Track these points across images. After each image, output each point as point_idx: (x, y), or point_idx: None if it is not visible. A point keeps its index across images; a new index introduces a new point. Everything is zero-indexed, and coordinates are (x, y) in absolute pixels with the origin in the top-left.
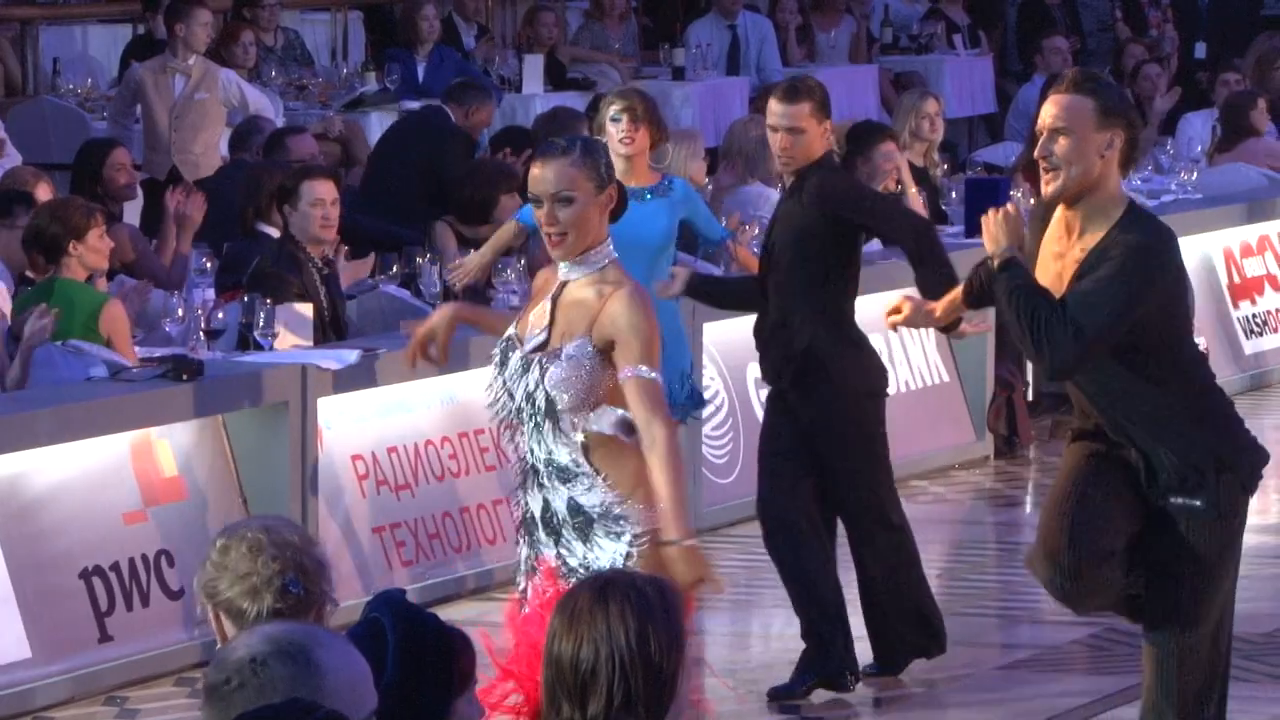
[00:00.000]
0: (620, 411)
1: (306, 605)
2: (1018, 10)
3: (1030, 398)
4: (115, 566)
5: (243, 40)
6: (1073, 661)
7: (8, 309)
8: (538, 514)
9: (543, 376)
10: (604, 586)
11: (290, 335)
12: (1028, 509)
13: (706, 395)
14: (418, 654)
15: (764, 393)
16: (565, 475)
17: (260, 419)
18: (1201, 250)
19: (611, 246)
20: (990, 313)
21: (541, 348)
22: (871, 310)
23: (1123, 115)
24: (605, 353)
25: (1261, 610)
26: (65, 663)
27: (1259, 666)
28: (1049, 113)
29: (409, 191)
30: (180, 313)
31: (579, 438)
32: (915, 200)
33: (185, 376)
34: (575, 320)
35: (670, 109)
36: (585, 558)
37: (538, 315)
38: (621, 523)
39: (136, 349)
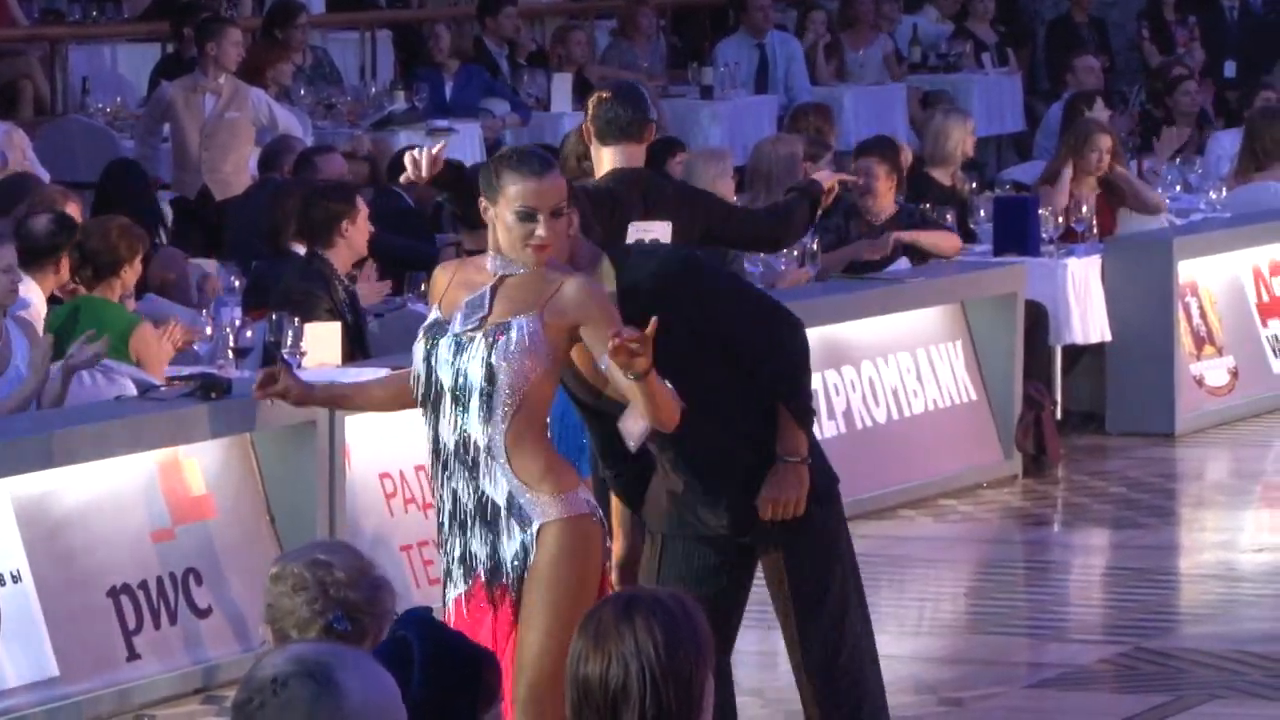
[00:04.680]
0: (644, 422)
1: (358, 637)
2: (1047, 29)
3: (1059, 416)
4: (143, 585)
5: (278, 67)
6: (1101, 680)
7: (41, 326)
8: (468, 504)
9: (489, 350)
10: (628, 603)
11: (318, 353)
12: (1056, 528)
13: None
14: (444, 672)
15: None
16: (474, 459)
17: (288, 437)
18: (1230, 269)
19: None
20: None
21: (479, 328)
22: (895, 328)
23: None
24: (552, 334)
25: None
26: (93, 681)
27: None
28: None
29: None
30: (208, 331)
31: (504, 424)
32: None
33: (213, 395)
34: (519, 301)
35: (699, 128)
36: (496, 549)
37: (471, 301)
38: (525, 513)
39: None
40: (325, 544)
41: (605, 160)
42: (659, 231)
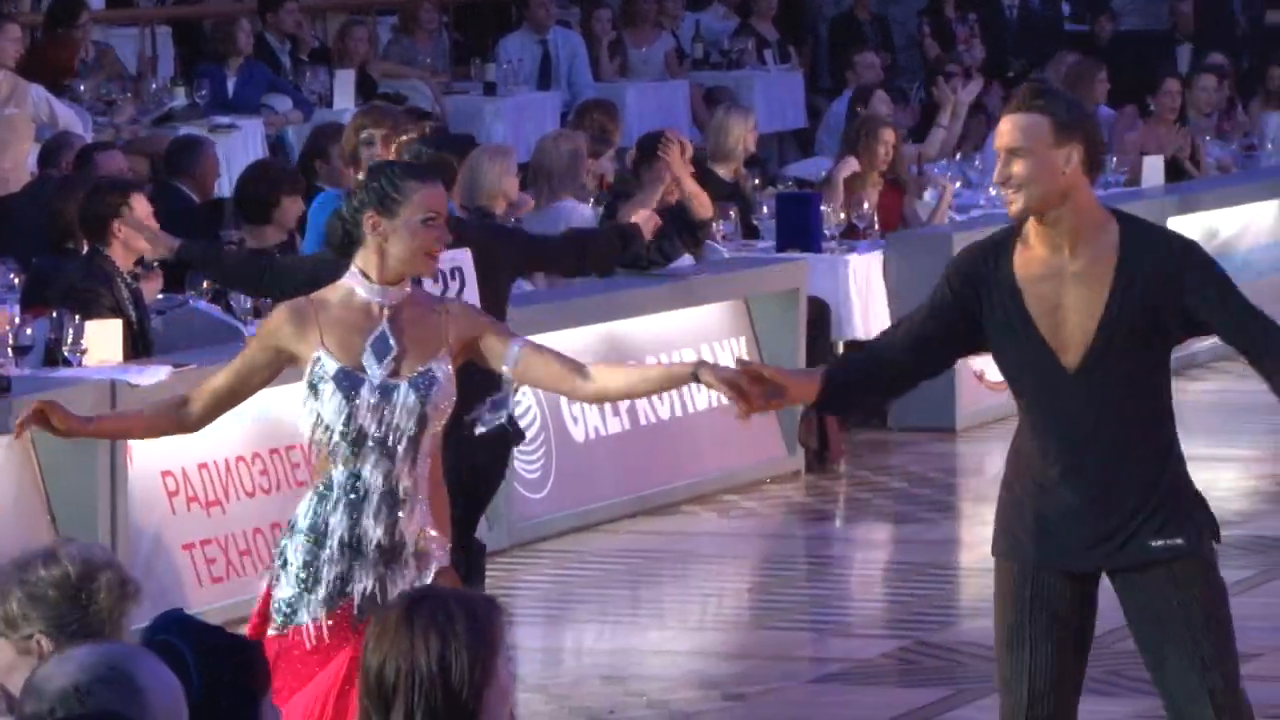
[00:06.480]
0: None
1: (85, 636)
2: (829, 26)
3: None
4: None
5: (61, 63)
6: (884, 675)
7: None
8: (377, 540)
9: (424, 400)
10: (412, 605)
11: (99, 351)
12: (839, 523)
13: (519, 411)
14: (218, 667)
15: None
16: (400, 499)
17: None
18: None
19: None
20: None
21: (396, 372)
22: (678, 324)
23: (1079, 127)
24: (455, 365)
25: None
26: None
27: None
28: (1005, 133)
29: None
30: None
31: (425, 464)
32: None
33: None
34: (424, 340)
35: (482, 124)
36: (384, 584)
37: (375, 344)
38: (427, 555)
39: None
40: (44, 548)
41: None
42: (461, 260)
